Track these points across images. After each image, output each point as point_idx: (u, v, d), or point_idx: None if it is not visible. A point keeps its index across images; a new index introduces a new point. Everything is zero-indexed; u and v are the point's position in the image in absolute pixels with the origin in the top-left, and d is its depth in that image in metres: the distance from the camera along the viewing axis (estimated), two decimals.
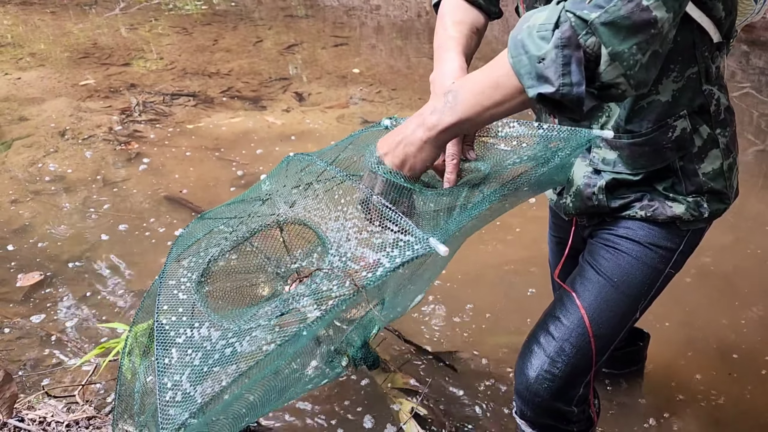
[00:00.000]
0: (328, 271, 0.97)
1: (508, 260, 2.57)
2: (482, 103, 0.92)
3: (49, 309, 2.37)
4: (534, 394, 1.27)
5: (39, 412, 1.71)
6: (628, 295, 1.24)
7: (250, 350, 0.93)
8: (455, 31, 1.21)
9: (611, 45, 0.81)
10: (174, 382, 0.94)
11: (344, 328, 1.13)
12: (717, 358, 2.10)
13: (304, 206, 1.12)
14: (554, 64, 0.83)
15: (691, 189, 1.18)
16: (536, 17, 0.86)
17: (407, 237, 0.90)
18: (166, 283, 1.13)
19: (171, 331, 1.03)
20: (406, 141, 0.97)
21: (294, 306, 0.95)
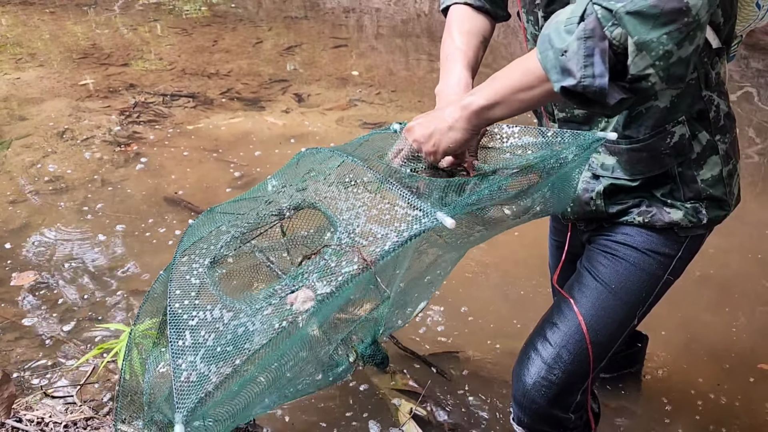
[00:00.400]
0: (336, 247, 0.97)
1: (509, 261, 2.57)
2: (513, 86, 0.94)
3: (48, 309, 2.36)
4: (531, 401, 1.26)
5: (37, 412, 1.71)
6: (626, 302, 1.24)
7: (262, 329, 0.94)
8: (462, 43, 1.23)
9: (637, 34, 0.79)
10: (188, 363, 0.95)
11: (352, 320, 1.13)
12: (716, 362, 2.10)
13: (315, 190, 1.13)
14: (576, 55, 0.82)
15: (690, 195, 1.17)
16: (564, 12, 0.87)
17: (415, 212, 0.91)
18: (178, 269, 1.14)
19: (184, 314, 1.04)
20: (438, 117, 1.02)
21: (303, 283, 0.95)
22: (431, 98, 4.48)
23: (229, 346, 0.94)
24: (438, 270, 1.34)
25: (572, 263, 1.37)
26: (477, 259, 2.57)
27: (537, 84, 0.91)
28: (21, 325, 2.28)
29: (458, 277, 2.45)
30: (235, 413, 1.03)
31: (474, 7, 1.29)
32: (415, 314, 1.48)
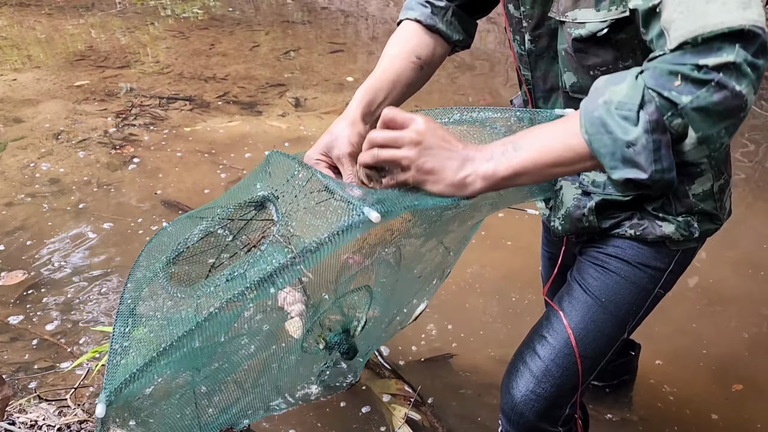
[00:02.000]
0: (273, 238, 0.97)
1: (502, 269, 2.58)
2: (550, 160, 0.88)
3: (43, 312, 2.36)
4: (519, 415, 1.26)
5: (30, 415, 1.71)
6: (616, 315, 1.23)
7: (192, 316, 0.94)
8: (379, 68, 1.20)
9: (701, 130, 0.79)
10: (122, 348, 0.96)
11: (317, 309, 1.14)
12: (710, 371, 2.11)
13: (272, 187, 1.14)
14: (645, 150, 0.80)
15: (681, 210, 1.17)
16: (613, 92, 0.82)
17: (344, 204, 0.89)
18: (138, 265, 1.17)
19: (132, 303, 1.06)
20: (452, 163, 0.91)
21: (239, 272, 0.96)
22: (427, 103, 4.49)
23: (162, 331, 0.94)
24: (431, 268, 1.34)
25: (563, 274, 1.36)
26: (470, 266, 2.58)
27: (578, 161, 0.87)
28: (15, 326, 2.28)
29: (452, 284, 2.46)
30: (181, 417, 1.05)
31: (423, 25, 1.24)
32: (416, 316, 1.48)
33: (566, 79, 1.12)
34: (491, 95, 4.39)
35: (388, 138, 0.93)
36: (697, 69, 0.76)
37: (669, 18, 0.80)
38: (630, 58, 1.02)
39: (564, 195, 1.25)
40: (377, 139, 0.94)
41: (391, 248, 1.21)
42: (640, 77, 0.81)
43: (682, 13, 0.78)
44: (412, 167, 0.92)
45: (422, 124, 0.92)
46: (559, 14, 1.04)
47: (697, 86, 0.76)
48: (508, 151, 0.90)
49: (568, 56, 1.08)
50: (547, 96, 1.20)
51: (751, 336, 2.24)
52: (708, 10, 0.76)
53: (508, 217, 2.87)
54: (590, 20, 0.99)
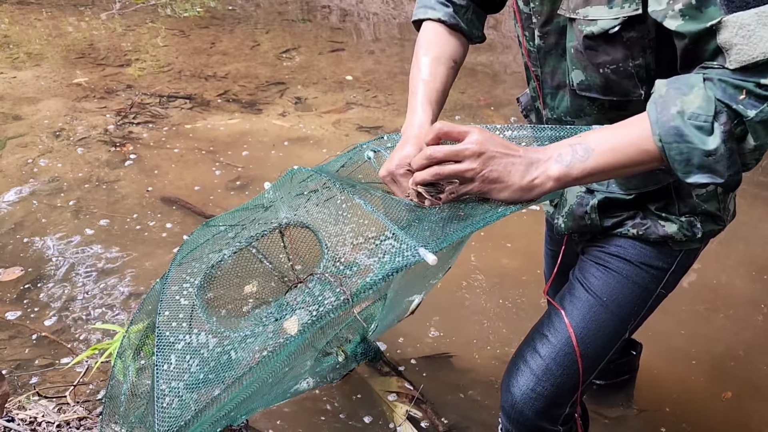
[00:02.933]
0: (321, 275, 0.96)
1: (502, 267, 2.58)
2: (622, 162, 0.92)
3: (42, 309, 2.36)
4: (519, 413, 1.25)
5: (29, 412, 1.70)
6: (618, 315, 1.23)
7: (244, 357, 0.93)
8: (428, 74, 1.19)
9: (759, 139, 0.87)
10: (171, 388, 0.94)
11: (338, 326, 1.13)
12: (710, 370, 2.11)
13: (307, 210, 1.12)
14: (723, 158, 0.86)
15: (685, 210, 1.17)
16: (684, 102, 0.86)
17: (399, 244, 0.88)
18: (169, 289, 1.13)
19: (171, 336, 1.03)
20: (518, 168, 0.93)
21: (287, 312, 0.95)
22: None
23: (211, 374, 0.94)
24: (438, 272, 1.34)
25: (565, 273, 1.36)
26: (471, 264, 2.58)
27: (649, 162, 0.92)
28: (15, 323, 2.27)
29: (452, 283, 2.46)
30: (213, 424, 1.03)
31: (447, 25, 1.24)
32: (413, 309, 1.48)
33: (574, 77, 1.11)
34: (490, 95, 4.39)
35: (449, 152, 0.92)
36: (760, 87, 0.84)
37: (728, 41, 0.85)
38: (640, 57, 1.02)
39: (567, 192, 1.25)
40: (437, 155, 0.93)
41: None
42: (707, 88, 0.86)
43: (744, 38, 0.84)
44: (477, 178, 0.92)
45: (479, 134, 0.93)
46: (570, 11, 1.04)
47: (761, 101, 0.84)
48: (578, 152, 0.93)
49: (577, 54, 1.07)
50: (554, 93, 1.20)
51: (749, 336, 2.24)
52: (765, 36, 0.83)
53: (508, 217, 2.87)
54: (602, 17, 0.99)
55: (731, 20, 0.84)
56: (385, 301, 1.16)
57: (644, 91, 1.05)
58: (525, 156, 0.94)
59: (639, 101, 1.07)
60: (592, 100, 1.12)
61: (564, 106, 1.18)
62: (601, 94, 1.09)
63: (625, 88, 1.06)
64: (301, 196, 1.17)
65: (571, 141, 0.95)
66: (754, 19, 0.83)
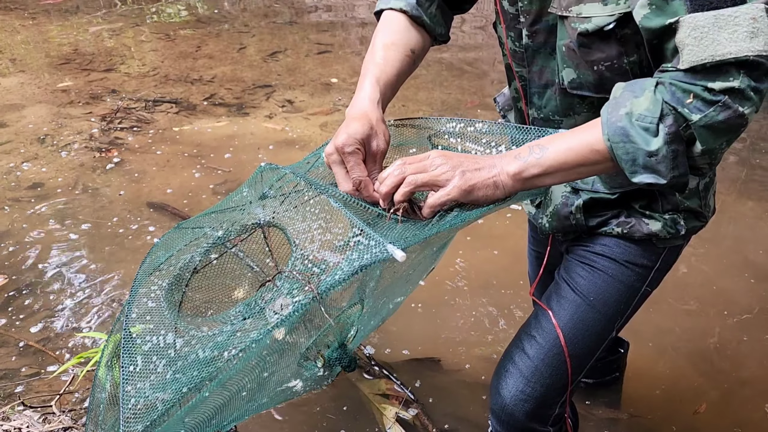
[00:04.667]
0: (289, 273, 0.96)
1: (489, 269, 2.58)
2: (576, 161, 0.96)
3: (27, 317, 2.33)
4: (509, 416, 1.25)
5: (14, 422, 1.68)
6: (604, 313, 1.23)
7: (212, 356, 0.92)
8: (380, 57, 1.17)
9: (706, 144, 0.88)
10: (137, 390, 0.94)
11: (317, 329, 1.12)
12: (697, 368, 2.12)
13: (274, 210, 1.12)
14: (665, 159, 0.89)
15: (668, 207, 1.18)
16: (634, 104, 0.89)
17: (367, 241, 0.89)
18: (138, 291, 1.12)
19: (138, 338, 1.02)
20: (482, 172, 0.97)
21: (256, 310, 0.94)
22: (414, 103, 4.47)
23: (178, 374, 0.93)
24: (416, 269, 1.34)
25: (551, 273, 1.36)
26: (458, 266, 2.58)
27: (601, 161, 0.94)
28: None
29: (439, 285, 2.45)
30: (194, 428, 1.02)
31: (409, 17, 1.21)
32: (392, 313, 1.47)
33: (565, 75, 1.11)
34: (478, 96, 4.39)
35: (418, 165, 0.97)
36: (707, 91, 0.85)
37: (683, 40, 0.86)
38: (634, 53, 1.02)
39: (552, 192, 1.25)
40: (407, 169, 0.97)
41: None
42: (657, 92, 0.88)
43: (696, 39, 0.85)
44: (452, 181, 0.96)
45: (438, 150, 0.99)
46: (561, 9, 1.04)
47: (707, 106, 0.85)
48: (534, 152, 0.97)
49: (569, 52, 1.07)
50: (542, 92, 1.19)
51: (735, 331, 2.25)
52: (718, 39, 0.83)
53: (494, 217, 2.87)
54: (597, 14, 1.00)
55: (687, 20, 0.86)
56: (363, 306, 1.16)
57: None
58: (486, 159, 1.00)
59: None
60: (582, 98, 1.12)
61: (552, 105, 1.18)
62: (593, 92, 1.09)
63: None
64: (270, 196, 1.16)
65: (530, 143, 1.00)
66: (710, 21, 0.84)
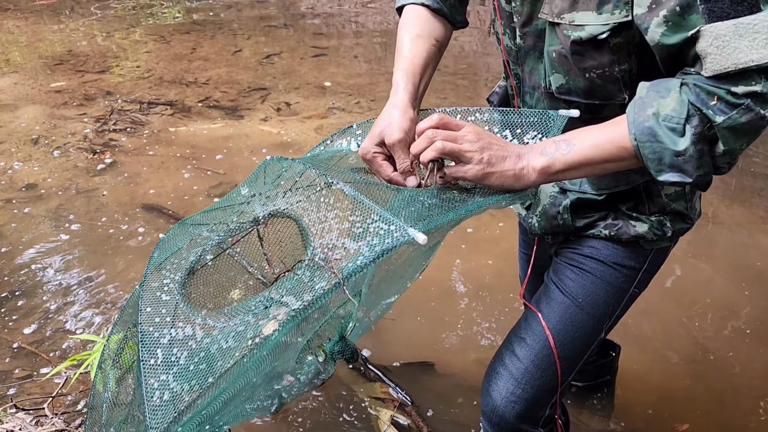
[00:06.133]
0: (310, 261, 0.96)
1: (484, 272, 2.58)
2: (602, 157, 0.97)
3: (20, 319, 2.32)
4: (500, 418, 1.26)
5: (7, 425, 1.68)
6: (593, 315, 1.24)
7: (235, 346, 0.93)
8: (408, 50, 1.20)
9: (727, 145, 0.90)
10: (161, 382, 0.93)
11: (317, 320, 1.13)
12: (689, 370, 2.13)
13: (287, 201, 1.12)
14: (692, 159, 0.91)
15: (654, 210, 1.19)
16: (660, 104, 0.91)
17: (387, 226, 0.90)
18: (149, 286, 1.12)
19: (155, 332, 1.02)
20: (510, 157, 0.99)
21: (277, 299, 0.95)
22: None
23: (201, 364, 0.93)
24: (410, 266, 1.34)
25: (540, 276, 1.38)
26: (452, 269, 2.58)
27: (626, 158, 0.96)
28: None
29: (434, 288, 2.46)
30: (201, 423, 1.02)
31: (431, 9, 1.26)
32: (386, 311, 1.48)
33: (553, 80, 1.12)
34: (473, 101, 4.41)
35: (450, 135, 0.98)
36: (730, 94, 0.88)
37: (705, 49, 0.88)
38: (626, 62, 1.04)
39: (541, 192, 1.26)
40: (439, 134, 0.98)
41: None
42: (682, 92, 0.90)
43: (718, 48, 0.87)
44: (474, 160, 0.97)
45: (475, 126, 1.00)
46: (553, 16, 1.05)
47: (730, 108, 0.88)
48: (561, 147, 0.98)
49: (561, 58, 1.08)
50: (532, 93, 1.21)
51: (729, 338, 2.27)
52: (739, 47, 0.86)
53: (489, 221, 2.88)
54: (590, 23, 1.01)
55: (708, 30, 0.87)
56: (360, 297, 1.17)
57: (627, 95, 1.07)
58: (514, 149, 1.00)
59: (614, 105, 1.09)
60: (568, 102, 1.13)
61: (541, 107, 1.20)
62: (582, 98, 1.10)
63: (610, 93, 1.07)
64: (277, 188, 1.16)
65: (556, 138, 1.01)
66: (731, 30, 0.86)
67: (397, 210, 0.95)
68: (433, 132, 0.99)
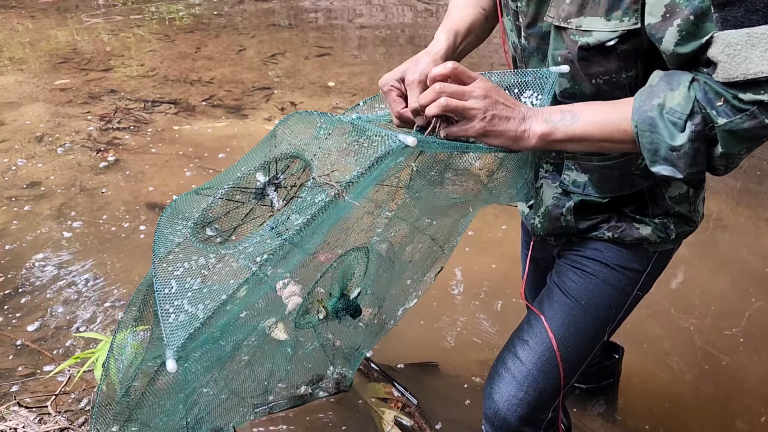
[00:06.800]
0: (313, 182, 0.98)
1: (487, 274, 2.58)
2: (602, 135, 0.98)
3: (23, 316, 2.32)
4: (502, 420, 1.26)
5: (10, 422, 1.68)
6: (596, 317, 1.24)
7: (245, 265, 0.95)
8: (453, 15, 1.23)
9: (726, 148, 0.90)
10: (175, 307, 0.96)
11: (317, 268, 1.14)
12: (692, 373, 2.12)
13: (290, 142, 1.14)
14: (686, 156, 0.91)
15: (658, 212, 1.19)
16: (668, 96, 0.91)
17: (380, 138, 0.92)
18: (161, 232, 1.15)
19: (169, 266, 1.05)
20: (515, 117, 0.98)
21: (283, 219, 0.97)
22: None
23: (215, 286, 0.96)
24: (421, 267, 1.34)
25: (542, 277, 1.37)
26: (456, 271, 2.58)
27: (626, 142, 0.96)
28: None
29: (437, 289, 2.46)
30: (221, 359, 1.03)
31: None
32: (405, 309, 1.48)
33: (557, 84, 1.11)
34: None
35: (457, 90, 0.97)
36: (737, 99, 0.87)
37: (716, 56, 0.88)
38: (633, 68, 1.03)
39: (544, 193, 1.26)
40: (447, 89, 0.97)
41: (384, 244, 1.21)
42: (692, 88, 0.90)
43: (729, 56, 0.87)
44: (478, 118, 0.96)
45: (486, 82, 0.99)
46: (559, 20, 1.04)
47: (735, 112, 0.88)
48: (566, 117, 0.98)
49: (566, 63, 1.07)
50: None
51: (732, 340, 2.26)
52: (750, 56, 0.85)
53: (492, 222, 2.88)
54: (598, 29, 0.99)
55: (720, 37, 0.87)
56: (369, 260, 1.17)
57: None
58: (521, 110, 0.99)
59: None
60: None
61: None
62: None
63: (615, 98, 1.07)
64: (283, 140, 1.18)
65: (563, 107, 1.01)
66: (743, 39, 0.85)
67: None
68: (440, 86, 0.97)
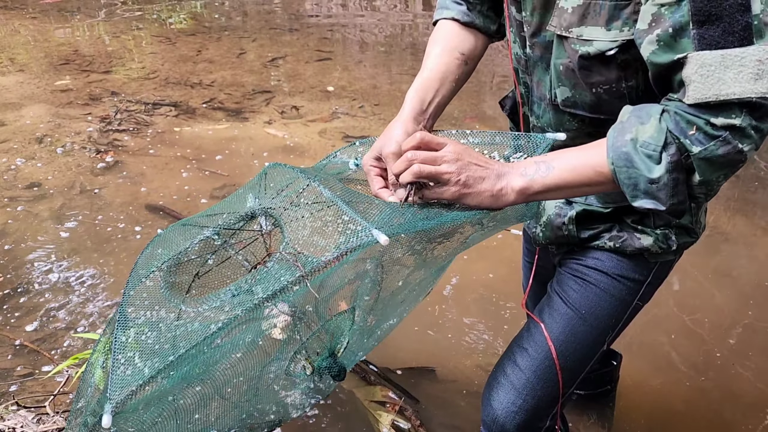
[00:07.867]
0: (280, 255, 0.99)
1: (485, 280, 2.59)
2: (579, 181, 0.97)
3: (22, 316, 2.33)
4: (501, 427, 1.26)
5: (8, 422, 1.68)
6: (596, 327, 1.24)
7: (200, 329, 0.95)
8: (427, 67, 1.22)
9: (704, 175, 0.90)
10: (126, 358, 0.96)
11: (305, 331, 1.14)
12: (690, 380, 2.13)
13: (271, 202, 1.15)
14: (666, 187, 0.90)
15: (660, 223, 1.19)
16: (639, 130, 0.91)
17: (354, 226, 0.92)
18: (136, 272, 1.16)
19: (133, 313, 1.05)
20: (489, 177, 0.99)
21: (246, 288, 0.97)
22: None
23: (167, 344, 0.96)
24: (410, 290, 1.35)
25: (543, 285, 1.37)
26: (453, 277, 2.59)
27: (604, 183, 0.96)
28: None
29: (435, 295, 2.46)
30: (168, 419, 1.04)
31: (460, 23, 1.27)
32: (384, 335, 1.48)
33: (559, 93, 1.12)
34: (476, 114, 4.42)
35: (428, 157, 0.98)
36: (709, 125, 0.87)
37: (689, 76, 0.88)
38: (633, 78, 1.03)
39: (546, 203, 1.26)
40: (418, 156, 0.98)
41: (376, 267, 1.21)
42: (662, 120, 0.90)
43: (702, 76, 0.87)
44: (452, 182, 0.97)
45: (457, 145, 1.00)
46: (561, 29, 1.05)
47: (708, 139, 0.87)
48: (541, 170, 0.98)
49: (568, 72, 1.08)
50: (539, 103, 1.21)
51: (730, 348, 2.27)
52: (724, 78, 0.85)
53: None
54: (599, 38, 1.00)
55: (695, 57, 0.87)
56: (354, 316, 1.17)
57: None
58: (495, 168, 1.00)
59: None
60: (573, 115, 1.14)
61: (547, 118, 1.20)
62: (587, 112, 1.10)
63: (616, 108, 1.07)
64: (270, 192, 1.19)
65: (536, 158, 1.01)
66: (717, 60, 0.85)
67: (370, 215, 0.97)
68: (412, 154, 0.99)
